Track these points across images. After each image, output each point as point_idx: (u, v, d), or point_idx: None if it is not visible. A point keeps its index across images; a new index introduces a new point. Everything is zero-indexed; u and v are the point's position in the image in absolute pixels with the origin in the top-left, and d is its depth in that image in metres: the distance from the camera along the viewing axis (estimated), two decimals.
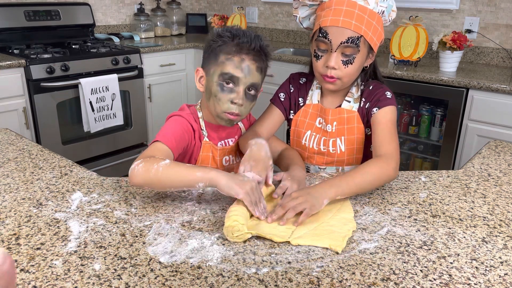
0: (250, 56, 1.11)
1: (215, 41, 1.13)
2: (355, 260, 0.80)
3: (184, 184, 0.96)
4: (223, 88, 1.11)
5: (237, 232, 0.84)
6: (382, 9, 1.16)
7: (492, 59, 2.68)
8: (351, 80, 1.21)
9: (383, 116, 1.18)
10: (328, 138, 1.27)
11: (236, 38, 1.11)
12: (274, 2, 3.57)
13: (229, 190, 0.93)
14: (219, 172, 0.95)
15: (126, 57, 2.87)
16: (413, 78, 2.36)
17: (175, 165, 0.98)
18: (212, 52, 1.13)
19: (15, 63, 2.44)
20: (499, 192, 1.11)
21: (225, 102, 1.12)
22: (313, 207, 0.93)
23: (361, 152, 1.27)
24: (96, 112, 2.73)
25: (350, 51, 1.14)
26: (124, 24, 3.63)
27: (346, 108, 1.25)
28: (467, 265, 0.80)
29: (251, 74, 1.11)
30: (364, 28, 1.13)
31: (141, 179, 0.97)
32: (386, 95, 1.21)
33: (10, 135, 1.42)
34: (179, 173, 0.96)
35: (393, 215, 0.97)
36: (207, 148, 1.20)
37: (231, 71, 1.10)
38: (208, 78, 1.15)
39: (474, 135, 2.27)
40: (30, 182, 1.09)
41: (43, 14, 3.02)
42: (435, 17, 2.82)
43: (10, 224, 0.90)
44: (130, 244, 0.84)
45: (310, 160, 1.31)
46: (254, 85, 1.13)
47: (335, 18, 1.13)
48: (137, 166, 0.98)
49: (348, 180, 1.02)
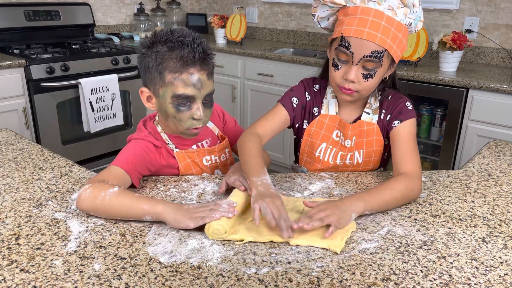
0: (197, 67, 1.03)
1: (151, 57, 1.03)
2: (355, 260, 0.80)
3: (130, 215, 0.91)
4: (180, 109, 1.05)
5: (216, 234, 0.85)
6: (410, 21, 1.08)
7: (492, 59, 2.68)
8: (369, 92, 1.15)
9: (405, 130, 1.14)
10: (346, 153, 1.22)
11: (175, 50, 1.01)
12: (274, 2, 3.56)
13: (178, 225, 0.88)
14: (166, 205, 0.90)
15: (126, 57, 2.87)
16: (413, 78, 2.36)
17: (123, 195, 0.93)
18: (154, 71, 1.04)
19: (15, 63, 2.44)
20: (499, 192, 1.11)
21: (186, 120, 1.07)
22: (341, 220, 0.89)
23: (378, 163, 1.24)
24: (96, 112, 2.73)
25: (372, 65, 1.07)
26: (124, 24, 3.63)
27: (366, 121, 1.20)
28: (467, 265, 0.80)
29: (204, 86, 1.05)
30: (389, 42, 1.05)
31: (88, 206, 0.93)
32: (407, 107, 1.17)
33: (10, 135, 1.42)
34: (125, 205, 0.91)
35: (393, 215, 0.97)
36: (182, 157, 1.17)
37: (184, 91, 1.03)
38: (159, 100, 1.07)
39: (474, 135, 2.27)
40: (30, 182, 1.09)
41: (43, 14, 3.02)
42: (435, 17, 2.82)
43: (10, 224, 0.90)
44: (130, 244, 0.84)
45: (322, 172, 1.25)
46: (209, 94, 1.08)
47: (360, 29, 1.04)
48: (85, 191, 0.93)
49: (377, 196, 0.98)
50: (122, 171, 1.03)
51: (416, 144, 1.14)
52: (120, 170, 1.03)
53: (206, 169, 1.21)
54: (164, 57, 1.02)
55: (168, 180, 1.13)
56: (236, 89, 3.19)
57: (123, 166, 1.04)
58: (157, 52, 1.02)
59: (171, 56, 1.02)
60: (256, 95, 3.08)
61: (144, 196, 0.97)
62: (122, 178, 1.03)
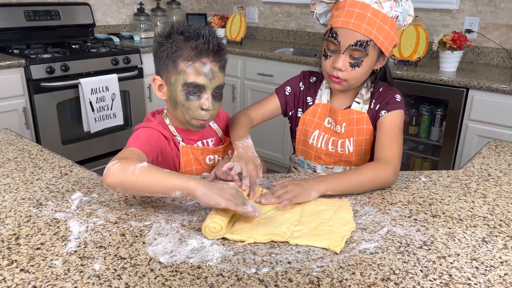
0: (210, 58, 1.05)
1: (166, 45, 1.06)
2: (355, 260, 0.80)
3: (160, 190, 0.90)
4: (190, 97, 1.07)
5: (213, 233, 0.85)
6: (397, 14, 1.14)
7: (492, 59, 2.68)
8: (358, 82, 1.21)
9: (389, 120, 1.17)
10: (337, 138, 1.26)
11: (191, 40, 1.04)
12: (274, 2, 3.57)
13: (209, 201, 0.87)
14: (198, 181, 0.89)
15: (126, 57, 2.87)
16: (413, 78, 2.36)
17: (153, 168, 0.92)
18: (168, 59, 1.06)
19: (15, 63, 2.44)
20: (499, 192, 1.11)
21: (195, 110, 1.08)
22: (298, 196, 0.98)
23: (369, 153, 1.27)
24: (96, 112, 2.73)
25: (358, 54, 1.14)
26: (124, 24, 3.63)
27: (356, 109, 1.25)
28: (467, 265, 0.80)
29: (215, 77, 1.07)
30: (375, 32, 1.12)
31: (116, 179, 0.91)
32: (395, 98, 1.21)
33: (10, 135, 1.42)
34: (156, 178, 0.90)
35: (393, 215, 0.97)
36: (186, 152, 1.18)
37: (195, 79, 1.05)
38: (170, 88, 1.09)
39: (474, 135, 2.27)
40: (30, 182, 1.09)
41: (43, 14, 3.02)
42: (435, 17, 2.82)
43: (10, 224, 0.90)
44: (130, 244, 0.84)
45: (318, 160, 1.31)
46: (219, 86, 1.10)
47: (346, 20, 1.12)
48: (113, 166, 0.92)
49: (341, 178, 1.04)
50: (139, 151, 1.03)
51: (399, 134, 1.16)
52: (137, 150, 1.03)
53: (207, 168, 1.22)
54: (180, 46, 1.05)
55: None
56: (236, 89, 3.19)
57: (140, 147, 1.04)
58: (173, 41, 1.06)
59: (186, 45, 1.05)
60: (256, 95, 3.08)
61: (175, 172, 0.95)
62: (140, 157, 1.02)
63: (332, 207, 0.99)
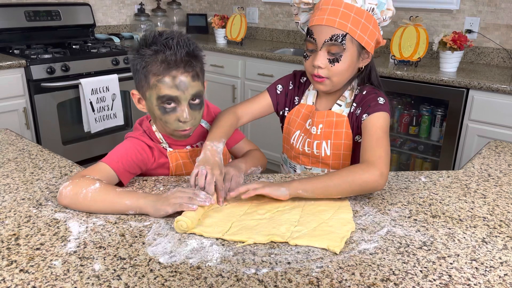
0: (180, 70, 1.03)
1: (137, 60, 1.06)
2: (354, 261, 0.80)
3: (114, 211, 0.95)
4: (166, 110, 1.06)
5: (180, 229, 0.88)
6: (372, 6, 1.13)
7: (493, 59, 2.68)
8: (341, 80, 1.17)
9: (372, 122, 1.12)
10: (312, 140, 1.24)
11: (159, 53, 1.03)
12: (274, 2, 3.56)
13: (159, 213, 0.92)
14: (147, 199, 0.94)
15: (126, 57, 2.87)
16: (413, 78, 2.36)
17: (104, 190, 0.96)
18: (140, 73, 1.06)
19: (16, 63, 2.44)
20: (499, 192, 1.10)
21: (172, 122, 1.08)
22: (266, 187, 0.98)
23: (349, 158, 1.24)
24: (97, 112, 2.74)
25: (335, 49, 1.12)
26: (125, 24, 3.63)
27: (336, 112, 1.22)
28: (467, 265, 0.80)
29: (188, 87, 1.05)
30: (350, 26, 1.11)
31: (69, 203, 0.96)
32: (378, 101, 1.15)
33: (10, 135, 1.42)
34: (108, 201, 0.95)
35: (393, 216, 0.97)
36: (175, 157, 1.18)
37: (167, 92, 1.04)
38: (146, 102, 1.10)
39: (475, 135, 2.27)
40: (30, 182, 1.09)
41: (44, 15, 3.02)
42: (436, 17, 2.82)
43: (10, 224, 0.90)
44: (130, 245, 0.84)
45: (296, 159, 1.30)
46: (196, 95, 1.07)
47: (320, 17, 1.12)
48: (65, 188, 0.96)
49: (314, 179, 1.02)
50: (109, 169, 1.05)
51: (383, 137, 1.09)
52: (107, 168, 1.05)
53: None
54: (149, 60, 1.04)
55: (168, 180, 1.13)
56: (236, 89, 3.19)
57: (113, 165, 1.06)
58: (143, 56, 1.05)
59: (155, 59, 1.03)
60: None
61: (126, 191, 0.99)
62: (107, 175, 1.05)
63: (332, 208, 0.99)
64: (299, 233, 0.88)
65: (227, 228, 0.90)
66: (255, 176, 1.18)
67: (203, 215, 0.94)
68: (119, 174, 1.06)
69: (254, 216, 0.96)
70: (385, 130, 1.11)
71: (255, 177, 1.18)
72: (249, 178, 1.17)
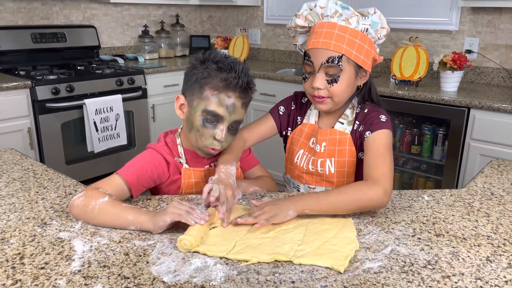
0: (236, 94, 1.08)
1: (199, 69, 1.09)
2: (359, 280, 0.80)
3: (117, 225, 0.97)
4: (206, 124, 1.09)
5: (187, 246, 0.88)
6: (365, 26, 1.15)
7: (493, 78, 2.70)
8: (342, 99, 1.19)
9: (374, 140, 1.14)
10: (316, 158, 1.25)
11: (223, 72, 1.07)
12: (276, 24, 3.62)
13: (158, 225, 0.93)
14: (147, 215, 0.96)
15: (130, 77, 2.91)
16: (414, 97, 2.38)
17: (110, 204, 0.98)
18: (196, 83, 1.09)
19: (21, 84, 2.47)
20: (503, 211, 1.10)
21: (207, 138, 1.11)
22: (275, 216, 0.98)
23: (353, 175, 1.24)
24: (100, 132, 2.76)
25: (332, 70, 1.14)
26: (129, 45, 3.69)
27: (339, 130, 1.23)
28: (472, 284, 0.79)
29: (235, 112, 1.09)
30: (346, 47, 1.13)
31: (78, 214, 0.99)
32: (380, 119, 1.17)
33: (15, 155, 1.43)
34: (112, 215, 0.97)
35: (397, 234, 0.97)
36: (188, 174, 1.19)
37: (216, 109, 1.07)
38: (190, 110, 1.12)
39: (477, 154, 2.27)
40: (34, 202, 1.10)
41: (50, 37, 3.07)
42: (435, 38, 2.86)
43: (15, 244, 0.90)
44: (134, 264, 0.84)
45: (300, 179, 1.30)
46: (237, 121, 1.12)
47: (316, 40, 1.15)
48: (78, 199, 1.00)
49: (320, 196, 1.03)
50: (123, 183, 1.08)
51: (387, 154, 1.11)
52: (121, 181, 1.08)
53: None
54: (211, 74, 1.08)
55: (171, 200, 1.13)
56: None
57: (127, 177, 1.09)
58: (206, 68, 1.08)
59: (217, 75, 1.08)
60: (259, 114, 3.07)
61: (130, 206, 1.00)
62: (120, 189, 1.07)
63: (336, 226, 0.99)
64: (303, 252, 0.88)
65: (231, 247, 0.90)
66: (258, 195, 1.19)
67: (206, 234, 0.95)
68: (132, 187, 1.09)
69: (258, 235, 0.96)
70: (388, 147, 1.13)
71: (258, 195, 1.18)
72: (253, 196, 1.17)
